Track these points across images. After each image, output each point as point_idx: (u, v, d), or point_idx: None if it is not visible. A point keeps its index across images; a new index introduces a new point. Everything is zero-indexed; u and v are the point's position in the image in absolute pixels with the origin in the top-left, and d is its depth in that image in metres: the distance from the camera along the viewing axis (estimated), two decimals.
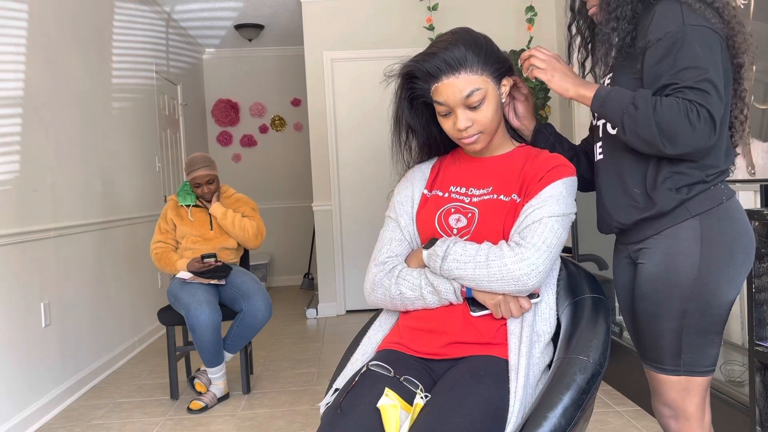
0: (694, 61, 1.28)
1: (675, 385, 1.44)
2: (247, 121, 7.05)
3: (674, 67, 1.29)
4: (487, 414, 1.22)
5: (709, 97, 1.26)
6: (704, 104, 1.26)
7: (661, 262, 1.41)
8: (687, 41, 1.29)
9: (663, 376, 1.45)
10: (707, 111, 1.25)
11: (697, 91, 1.26)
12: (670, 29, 1.31)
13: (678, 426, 1.47)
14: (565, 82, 1.42)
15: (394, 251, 1.48)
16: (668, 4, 1.34)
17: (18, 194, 3.01)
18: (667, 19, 1.32)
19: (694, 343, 1.41)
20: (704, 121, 1.26)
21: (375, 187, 5.23)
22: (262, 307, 3.22)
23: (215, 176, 3.35)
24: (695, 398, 1.44)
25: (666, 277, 1.40)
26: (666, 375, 1.45)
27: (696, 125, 1.25)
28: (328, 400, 1.40)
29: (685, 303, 1.39)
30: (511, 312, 1.34)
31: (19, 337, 2.96)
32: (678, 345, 1.41)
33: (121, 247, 4.26)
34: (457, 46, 1.36)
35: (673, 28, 1.31)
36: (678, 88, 1.28)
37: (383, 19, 5.21)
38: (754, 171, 2.50)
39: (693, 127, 1.25)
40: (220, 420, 3.01)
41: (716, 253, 1.37)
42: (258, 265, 6.62)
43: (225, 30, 6.18)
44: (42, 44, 3.33)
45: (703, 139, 1.27)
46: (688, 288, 1.38)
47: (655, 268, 1.42)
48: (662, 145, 1.29)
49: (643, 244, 1.45)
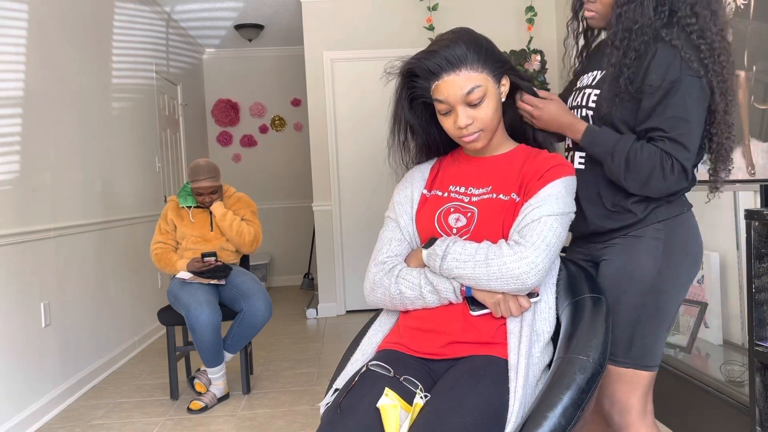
0: (683, 113, 1.41)
1: (622, 377, 1.51)
2: (247, 121, 7.05)
3: (663, 114, 1.42)
4: (486, 414, 1.22)
5: (686, 153, 1.41)
6: (679, 158, 1.41)
7: (625, 258, 1.51)
8: (680, 92, 1.41)
9: (612, 367, 1.51)
10: (681, 165, 1.41)
11: (677, 144, 1.41)
12: (668, 77, 1.41)
13: (621, 420, 1.53)
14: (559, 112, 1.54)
15: (393, 251, 1.49)
16: (666, 48, 1.43)
17: (18, 194, 3.01)
18: (666, 65, 1.42)
19: (646, 337, 1.50)
20: (677, 172, 1.41)
21: (375, 187, 5.23)
22: (262, 307, 3.22)
23: (219, 186, 3.35)
24: (638, 392, 1.51)
25: (629, 271, 1.50)
26: (615, 367, 1.51)
27: (668, 177, 1.41)
28: (328, 400, 1.40)
29: (643, 296, 1.49)
30: (510, 311, 1.35)
31: (19, 337, 2.96)
32: (630, 337, 1.50)
33: (121, 248, 4.26)
34: (458, 44, 1.36)
35: (671, 76, 1.41)
36: (661, 136, 1.42)
37: (383, 19, 5.21)
38: (754, 171, 2.50)
39: (665, 178, 1.42)
40: (220, 420, 3.01)
41: (674, 256, 1.50)
42: (258, 265, 6.62)
43: (225, 30, 6.18)
44: (42, 44, 3.33)
45: (675, 186, 1.44)
46: (648, 282, 1.48)
47: (619, 263, 1.52)
48: (636, 189, 1.46)
49: (609, 243, 1.56)
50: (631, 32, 1.46)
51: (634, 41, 1.46)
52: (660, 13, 1.46)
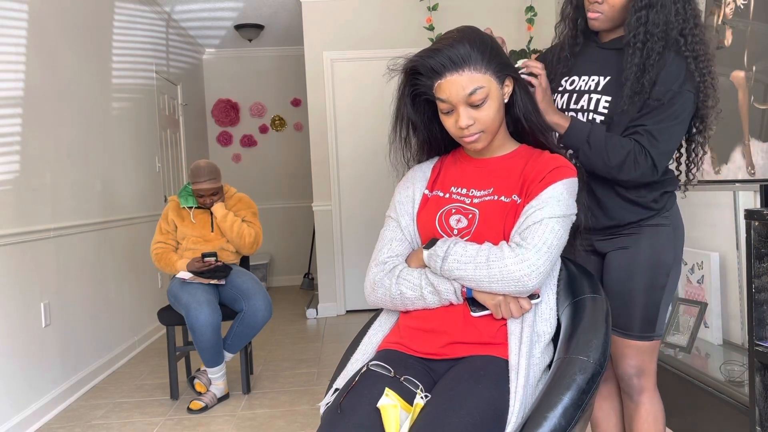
0: (673, 121, 1.55)
1: (646, 349, 1.72)
2: (247, 121, 7.05)
3: (656, 118, 1.55)
4: (487, 414, 1.23)
5: (659, 151, 1.55)
6: (652, 153, 1.55)
7: (648, 246, 1.68)
8: (678, 104, 1.55)
9: (638, 343, 1.71)
10: (651, 158, 1.55)
11: (655, 141, 1.55)
12: (673, 89, 1.54)
13: (640, 382, 1.74)
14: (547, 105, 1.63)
15: (394, 251, 1.48)
16: (678, 60, 1.56)
17: (18, 194, 3.01)
18: (674, 78, 1.55)
19: (664, 312, 1.72)
20: (648, 166, 1.56)
21: (375, 187, 5.23)
22: (262, 307, 3.22)
23: (219, 188, 3.35)
24: (655, 356, 1.75)
25: (655, 258, 1.68)
26: (641, 342, 1.71)
27: (640, 167, 1.56)
28: (328, 400, 1.40)
29: (666, 278, 1.69)
30: (511, 312, 1.35)
31: (19, 337, 2.96)
32: (656, 315, 1.70)
33: (121, 247, 4.26)
34: (462, 44, 1.35)
35: (675, 88, 1.54)
36: (642, 129, 1.56)
37: (383, 19, 5.21)
38: (754, 171, 2.50)
39: (637, 166, 1.56)
40: (220, 420, 3.01)
41: (679, 239, 1.72)
42: (258, 265, 6.62)
43: (225, 30, 6.18)
44: (42, 44, 3.33)
45: (645, 176, 1.59)
46: (669, 265, 1.68)
47: (646, 251, 1.68)
48: (608, 173, 1.60)
49: (624, 233, 1.70)
50: (654, 35, 1.55)
51: (656, 43, 1.55)
52: (678, 20, 1.57)
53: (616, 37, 1.68)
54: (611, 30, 1.68)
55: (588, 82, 1.67)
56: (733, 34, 2.63)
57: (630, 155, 1.55)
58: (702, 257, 2.79)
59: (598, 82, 1.65)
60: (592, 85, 1.66)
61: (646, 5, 1.55)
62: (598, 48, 1.71)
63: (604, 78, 1.65)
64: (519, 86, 1.45)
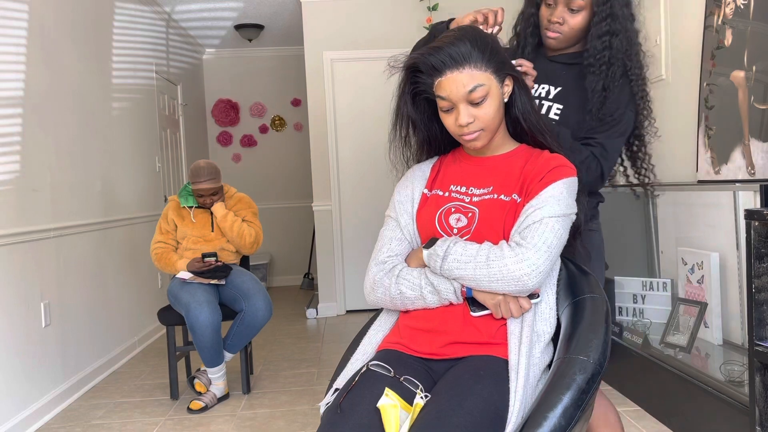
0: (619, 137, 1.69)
1: None
2: (247, 121, 7.05)
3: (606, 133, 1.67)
4: (486, 414, 1.22)
5: (608, 159, 1.66)
6: (601, 162, 1.65)
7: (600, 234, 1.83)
8: (623, 122, 1.68)
9: None
10: (601, 168, 1.66)
11: (603, 151, 1.66)
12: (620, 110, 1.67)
13: None
14: None
15: (394, 250, 1.48)
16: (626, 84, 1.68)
17: (18, 194, 3.01)
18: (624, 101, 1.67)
19: None
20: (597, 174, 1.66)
21: (375, 187, 5.23)
22: (262, 307, 3.22)
23: (219, 188, 3.35)
24: None
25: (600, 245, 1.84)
26: None
27: (591, 173, 1.65)
28: (328, 400, 1.40)
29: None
30: (511, 312, 1.34)
31: (19, 337, 2.96)
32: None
33: (120, 247, 4.26)
34: (463, 42, 1.36)
35: (621, 109, 1.67)
36: (594, 141, 1.67)
37: (383, 19, 5.21)
38: (754, 171, 2.50)
39: (589, 173, 1.64)
40: (220, 420, 3.01)
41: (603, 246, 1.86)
42: (258, 265, 6.62)
43: (225, 30, 6.18)
44: (42, 44, 3.33)
45: (594, 184, 1.69)
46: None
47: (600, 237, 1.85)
48: None
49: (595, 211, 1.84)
50: (618, 60, 1.64)
51: (618, 68, 1.65)
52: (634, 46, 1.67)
53: (564, 53, 1.76)
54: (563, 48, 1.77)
55: (538, 89, 1.75)
56: (733, 34, 2.63)
57: (585, 161, 1.63)
58: (702, 257, 2.79)
59: (549, 90, 1.73)
60: (542, 93, 1.74)
61: (608, 31, 1.63)
62: (546, 60, 1.78)
63: (555, 88, 1.73)
64: (519, 86, 1.45)
